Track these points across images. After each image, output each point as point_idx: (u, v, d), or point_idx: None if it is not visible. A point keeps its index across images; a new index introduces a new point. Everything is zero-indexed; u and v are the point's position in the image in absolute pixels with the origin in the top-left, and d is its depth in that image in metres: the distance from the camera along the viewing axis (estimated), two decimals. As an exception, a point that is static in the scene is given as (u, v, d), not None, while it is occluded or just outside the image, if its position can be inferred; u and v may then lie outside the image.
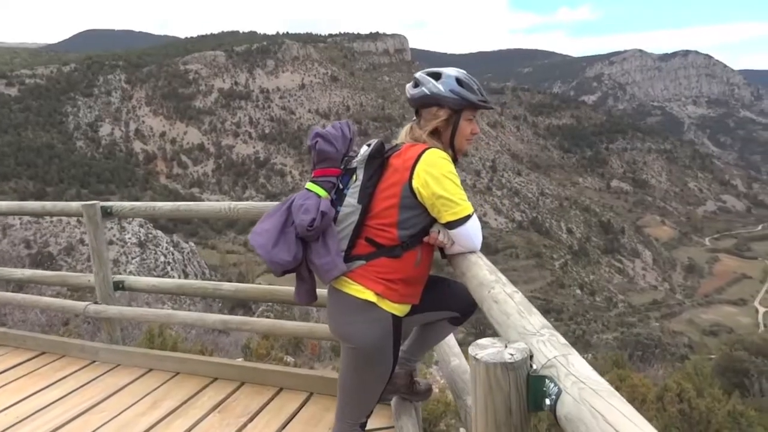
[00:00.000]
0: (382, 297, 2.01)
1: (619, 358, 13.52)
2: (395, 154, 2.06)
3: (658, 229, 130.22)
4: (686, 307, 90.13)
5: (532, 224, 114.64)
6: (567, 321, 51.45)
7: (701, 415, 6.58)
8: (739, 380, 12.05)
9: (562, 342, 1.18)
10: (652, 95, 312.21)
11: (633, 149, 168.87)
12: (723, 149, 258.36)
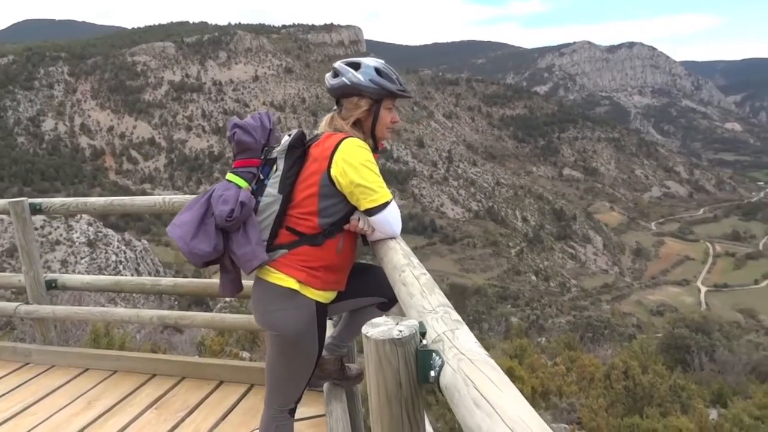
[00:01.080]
0: (305, 284, 2.04)
1: (570, 340, 13.96)
2: (315, 143, 2.09)
3: (608, 215, 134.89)
4: (635, 289, 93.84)
5: (488, 213, 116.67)
6: (523, 307, 52.74)
7: (645, 390, 6.84)
8: (681, 356, 12.62)
9: (454, 318, 1.25)
10: (600, 86, 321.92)
11: (583, 138, 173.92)
12: (667, 137, 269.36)
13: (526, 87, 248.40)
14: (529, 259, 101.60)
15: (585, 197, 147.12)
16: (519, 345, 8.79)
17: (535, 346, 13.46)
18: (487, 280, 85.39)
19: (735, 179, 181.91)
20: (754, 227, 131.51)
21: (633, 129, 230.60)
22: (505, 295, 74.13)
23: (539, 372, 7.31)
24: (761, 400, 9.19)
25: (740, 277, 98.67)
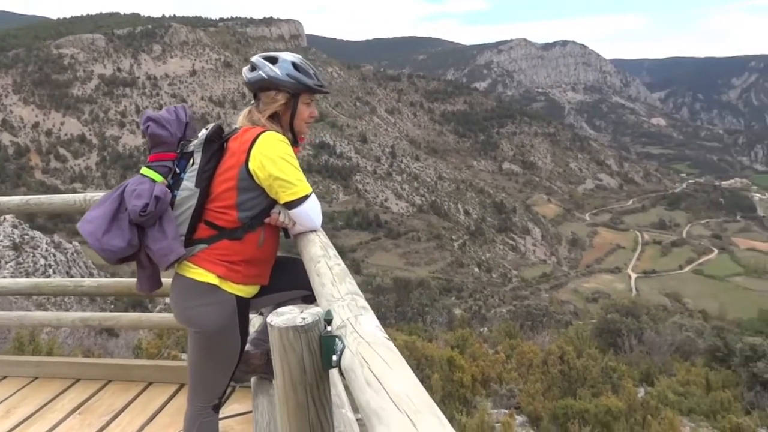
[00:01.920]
0: (225, 279, 2.02)
1: (511, 329, 14.36)
2: (233, 137, 2.07)
3: (545, 207, 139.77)
4: (571, 277, 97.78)
5: (431, 207, 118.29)
6: (467, 298, 53.90)
7: (579, 373, 7.13)
8: (613, 340, 13.24)
9: (360, 305, 1.30)
10: (536, 82, 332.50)
11: (521, 133, 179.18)
12: (598, 132, 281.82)
13: (466, 83, 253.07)
14: (471, 251, 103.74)
15: (524, 190, 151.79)
16: (461, 335, 8.96)
17: (478, 335, 13.77)
18: (432, 273, 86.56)
19: (660, 171, 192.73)
20: (678, 216, 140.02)
21: (567, 124, 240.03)
22: (449, 287, 75.36)
23: (480, 360, 7.47)
24: (684, 377, 9.80)
25: (666, 264, 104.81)
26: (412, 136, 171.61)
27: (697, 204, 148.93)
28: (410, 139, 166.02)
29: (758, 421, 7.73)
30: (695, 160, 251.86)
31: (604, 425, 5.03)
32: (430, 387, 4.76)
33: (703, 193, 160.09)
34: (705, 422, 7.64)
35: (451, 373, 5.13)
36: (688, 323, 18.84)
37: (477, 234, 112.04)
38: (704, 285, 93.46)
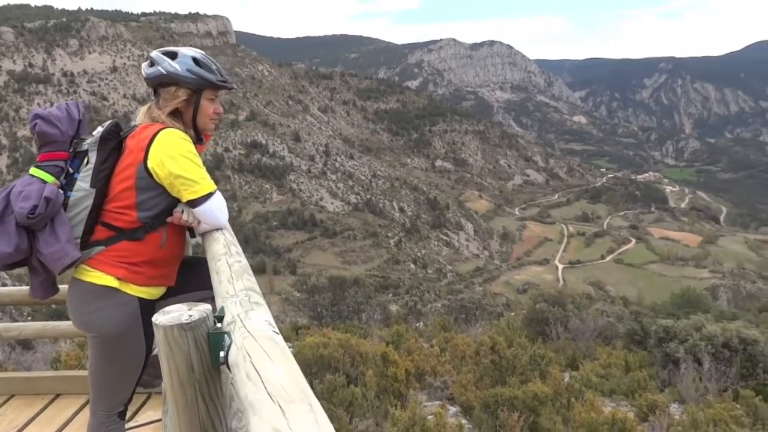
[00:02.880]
0: (125, 281, 1.96)
1: (446, 323, 14.68)
2: (131, 135, 2.01)
3: (477, 203, 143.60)
4: (503, 270, 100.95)
5: (367, 205, 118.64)
6: (404, 294, 54.61)
7: (508, 362, 7.41)
8: (541, 328, 13.84)
9: (254, 300, 1.30)
10: (466, 81, 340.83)
11: (452, 131, 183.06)
12: (525, 129, 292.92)
13: (398, 82, 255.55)
14: (407, 248, 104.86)
15: (456, 187, 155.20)
16: (396, 331, 9.08)
17: (413, 330, 14.00)
18: (368, 271, 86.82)
19: (583, 167, 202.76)
20: (599, 209, 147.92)
21: (496, 122, 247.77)
22: (386, 284, 75.86)
23: (415, 355, 7.61)
24: (605, 360, 10.40)
25: (590, 254, 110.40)
26: (345, 134, 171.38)
27: (616, 197, 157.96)
28: (344, 137, 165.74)
29: (671, 396, 8.34)
30: (613, 155, 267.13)
31: (532, 410, 5.26)
32: (365, 383, 4.81)
33: (621, 186, 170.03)
34: (624, 401, 8.15)
35: (385, 369, 5.20)
36: (610, 309, 19.97)
37: (412, 231, 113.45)
38: (624, 273, 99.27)
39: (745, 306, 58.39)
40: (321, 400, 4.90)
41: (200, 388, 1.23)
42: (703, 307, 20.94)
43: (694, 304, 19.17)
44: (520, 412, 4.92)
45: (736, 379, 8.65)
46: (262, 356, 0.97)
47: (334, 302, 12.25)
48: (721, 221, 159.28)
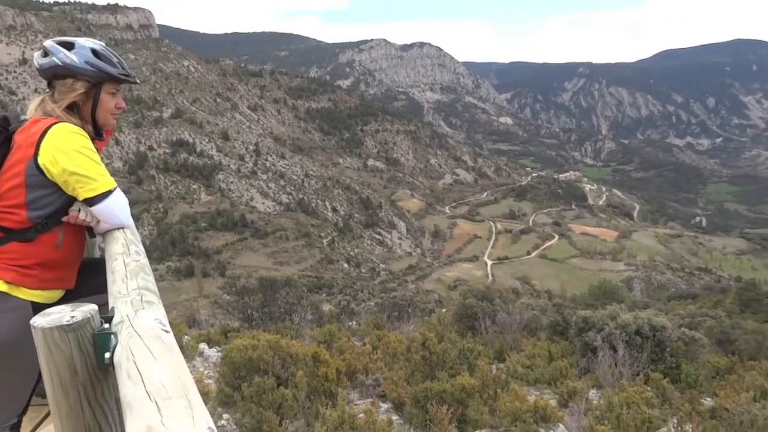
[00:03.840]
0: (16, 285, 1.83)
1: (378, 321, 14.78)
2: (20, 129, 1.89)
3: (409, 202, 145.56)
4: (435, 267, 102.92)
5: (299, 205, 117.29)
6: (337, 294, 54.49)
7: (438, 357, 7.56)
8: (471, 323, 14.24)
9: (146, 300, 1.27)
10: (397, 81, 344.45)
11: (384, 131, 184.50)
12: (454, 129, 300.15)
13: (329, 81, 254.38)
14: (340, 247, 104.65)
15: (388, 186, 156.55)
16: (328, 331, 9.05)
17: (347, 329, 14.01)
18: (301, 271, 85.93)
19: (509, 166, 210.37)
20: (525, 206, 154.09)
21: (426, 122, 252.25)
22: (319, 284, 75.39)
23: (347, 354, 7.61)
24: (530, 351, 10.85)
25: (517, 250, 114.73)
26: (276, 133, 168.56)
27: (540, 195, 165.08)
28: (275, 136, 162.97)
29: (589, 383, 8.83)
30: (537, 155, 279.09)
31: (460, 402, 5.40)
32: (296, 384, 4.76)
33: (545, 185, 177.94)
34: (547, 389, 8.55)
35: (316, 369, 5.17)
36: (535, 303, 20.85)
37: (345, 230, 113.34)
38: (548, 267, 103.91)
39: (656, 295, 62.69)
40: (250, 403, 4.81)
41: (85, 392, 1.17)
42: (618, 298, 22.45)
43: (611, 294, 20.49)
44: (448, 405, 5.04)
45: (647, 364, 9.28)
46: (145, 355, 0.95)
47: (265, 304, 12.03)
48: (635, 217, 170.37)
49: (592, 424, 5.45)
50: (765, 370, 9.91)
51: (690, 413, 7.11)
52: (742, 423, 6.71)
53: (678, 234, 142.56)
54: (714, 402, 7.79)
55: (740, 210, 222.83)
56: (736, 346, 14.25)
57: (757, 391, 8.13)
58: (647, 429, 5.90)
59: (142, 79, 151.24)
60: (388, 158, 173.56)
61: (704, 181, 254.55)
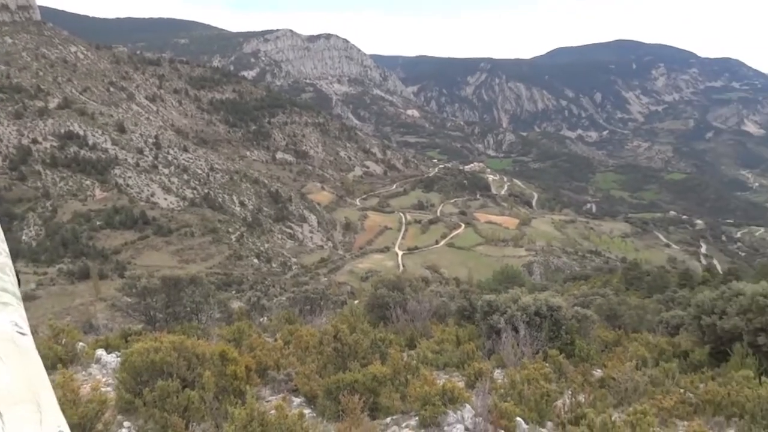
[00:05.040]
0: None
1: (290, 315, 14.61)
2: None
3: (320, 195, 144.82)
4: (347, 260, 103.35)
5: (204, 200, 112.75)
6: (247, 290, 53.27)
7: (350, 348, 7.62)
8: (382, 313, 14.48)
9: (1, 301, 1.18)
10: (304, 73, 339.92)
11: (292, 123, 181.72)
12: (363, 122, 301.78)
13: (233, 71, 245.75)
14: (250, 242, 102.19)
15: (298, 179, 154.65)
16: (237, 328, 8.82)
17: (257, 326, 13.73)
18: (209, 269, 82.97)
19: (417, 158, 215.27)
20: (433, 197, 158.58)
21: (335, 114, 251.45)
22: (228, 281, 73.20)
23: (258, 350, 7.47)
24: (439, 337, 11.22)
25: (426, 240, 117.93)
26: (178, 125, 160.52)
27: (447, 186, 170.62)
28: (177, 128, 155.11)
29: (494, 363, 9.30)
30: (444, 147, 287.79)
31: (372, 391, 5.48)
32: (203, 385, 4.60)
33: (451, 176, 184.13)
34: (456, 372, 8.90)
35: (224, 368, 5.03)
36: (443, 290, 21.59)
37: (254, 225, 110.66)
38: (456, 255, 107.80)
39: (553, 277, 67.05)
40: (153, 408, 4.60)
41: None
42: (519, 282, 23.89)
43: (513, 279, 21.75)
44: (360, 394, 5.10)
45: (546, 342, 9.93)
46: None
47: (169, 304, 11.48)
48: (534, 205, 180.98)
49: (497, 401, 5.75)
50: (645, 340, 10.94)
51: (582, 384, 7.72)
52: (627, 390, 7.38)
53: (572, 220, 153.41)
54: (603, 372, 8.49)
55: (624, 196, 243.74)
56: (622, 320, 15.62)
57: (638, 360, 8.97)
58: (546, 402, 6.32)
59: (21, 66, 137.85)
60: (297, 151, 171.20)
61: (593, 171, 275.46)
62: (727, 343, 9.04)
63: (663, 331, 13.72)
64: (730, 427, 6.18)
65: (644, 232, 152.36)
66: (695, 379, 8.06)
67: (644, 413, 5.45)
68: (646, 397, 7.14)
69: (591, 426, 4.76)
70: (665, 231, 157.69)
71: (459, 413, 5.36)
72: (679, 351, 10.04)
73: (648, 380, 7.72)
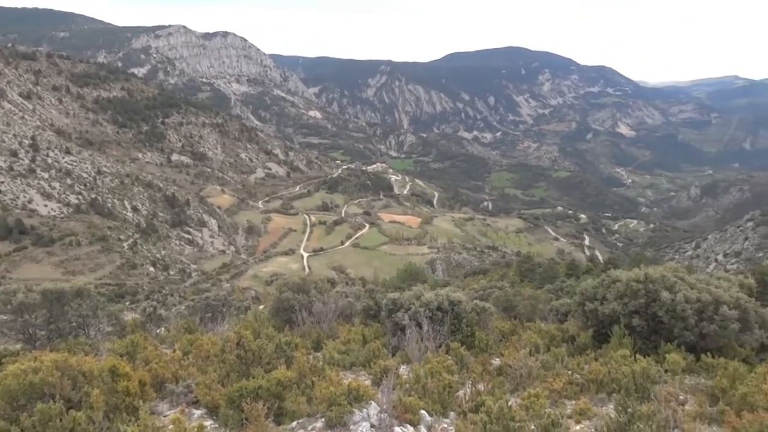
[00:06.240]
0: None
1: (190, 324, 13.97)
2: None
3: (220, 198, 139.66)
4: (250, 264, 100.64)
5: (92, 206, 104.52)
6: (143, 301, 50.11)
7: (254, 354, 7.43)
8: (288, 316, 14.26)
9: None
10: (200, 71, 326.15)
11: (189, 123, 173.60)
12: (264, 123, 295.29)
13: (121, 68, 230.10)
14: (144, 250, 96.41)
15: (196, 182, 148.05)
16: (131, 341, 8.28)
17: (154, 337, 12.97)
18: (99, 280, 77.23)
19: (320, 159, 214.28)
20: (337, 198, 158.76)
21: (235, 115, 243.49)
22: (121, 292, 68.53)
23: (154, 363, 7.06)
24: (346, 337, 11.26)
25: (331, 241, 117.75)
26: (59, 125, 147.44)
27: (351, 186, 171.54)
28: (57, 129, 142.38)
29: (400, 360, 9.49)
30: (346, 148, 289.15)
31: (277, 396, 5.39)
32: (91, 405, 4.27)
33: (355, 177, 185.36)
34: (363, 371, 8.98)
35: (115, 385, 4.70)
36: (349, 290, 21.68)
37: (149, 231, 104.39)
38: (361, 255, 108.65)
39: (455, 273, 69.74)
40: (32, 434, 4.18)
41: None
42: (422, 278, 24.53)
43: (416, 276, 22.28)
44: (264, 400, 4.99)
45: (448, 335, 10.31)
46: None
47: (52, 320, 10.54)
48: (435, 204, 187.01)
49: (401, 396, 5.87)
50: (537, 328, 11.70)
51: (482, 373, 8.10)
52: (522, 375, 7.86)
53: (470, 217, 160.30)
54: (501, 361, 8.97)
55: (517, 194, 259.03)
56: (518, 311, 16.59)
57: (532, 347, 9.57)
58: (448, 393, 6.56)
59: None
60: (194, 152, 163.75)
61: (489, 170, 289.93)
62: (608, 326, 9.90)
63: (553, 319, 14.75)
64: (610, 402, 6.78)
65: (536, 227, 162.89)
66: (581, 361, 8.75)
67: (537, 396, 5.83)
68: (539, 381, 7.64)
69: (489, 412, 5.01)
70: (554, 225, 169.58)
71: (365, 411, 5.41)
72: (567, 336, 10.84)
73: (540, 365, 8.26)
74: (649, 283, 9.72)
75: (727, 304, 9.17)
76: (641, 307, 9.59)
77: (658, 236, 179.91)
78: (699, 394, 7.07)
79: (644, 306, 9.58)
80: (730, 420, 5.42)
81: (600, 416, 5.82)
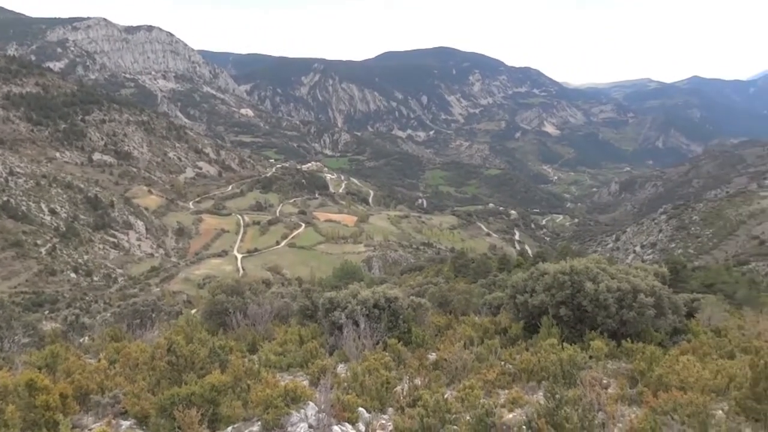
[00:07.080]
0: None
1: (116, 332, 13.31)
2: None
3: (147, 199, 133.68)
4: (181, 267, 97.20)
5: (3, 210, 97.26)
6: (64, 309, 47.10)
7: (186, 360, 7.19)
8: (221, 320, 13.90)
9: None
10: (123, 67, 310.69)
11: (111, 121, 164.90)
12: (194, 121, 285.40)
13: (35, 62, 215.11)
14: (65, 255, 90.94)
15: (121, 182, 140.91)
16: (50, 352, 7.79)
17: (77, 347, 12.28)
18: (13, 288, 72.20)
19: (253, 158, 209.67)
20: (272, 198, 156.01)
21: (161, 112, 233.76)
22: (39, 301, 64.40)
23: (77, 374, 6.68)
24: (282, 338, 11.12)
25: (266, 241, 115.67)
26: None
27: (285, 186, 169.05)
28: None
29: (338, 359, 9.47)
30: (280, 147, 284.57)
31: (211, 401, 5.24)
32: (5, 422, 3.98)
33: (289, 176, 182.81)
34: (300, 371, 8.89)
35: (32, 399, 4.40)
36: (285, 291, 21.39)
37: (70, 235, 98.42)
38: (297, 255, 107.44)
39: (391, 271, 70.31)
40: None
41: None
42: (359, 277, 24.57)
43: (352, 275, 22.28)
44: (198, 407, 4.85)
45: (385, 332, 10.40)
46: None
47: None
48: (370, 202, 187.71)
49: (339, 395, 5.87)
50: (471, 322, 12.02)
51: (419, 368, 8.23)
52: (457, 368, 8.05)
53: (405, 215, 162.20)
54: (437, 355, 9.15)
55: (450, 191, 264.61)
56: (452, 305, 16.97)
57: (466, 340, 9.83)
58: (386, 389, 6.62)
59: None
60: (118, 151, 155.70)
61: (423, 168, 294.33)
62: (537, 317, 10.33)
63: (487, 312, 15.20)
64: (540, 389, 7.08)
65: (469, 224, 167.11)
66: (513, 352, 9.08)
67: (472, 388, 6.00)
68: (473, 373, 7.86)
69: (426, 406, 5.10)
70: (486, 221, 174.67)
71: (302, 412, 5.37)
72: (500, 328, 11.21)
73: (474, 357, 8.50)
74: (575, 275, 10.23)
75: (644, 292, 9.81)
76: (567, 297, 10.07)
77: (582, 230, 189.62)
78: (620, 378, 7.53)
79: (570, 296, 10.07)
80: (648, 400, 5.81)
81: (531, 404, 6.06)
